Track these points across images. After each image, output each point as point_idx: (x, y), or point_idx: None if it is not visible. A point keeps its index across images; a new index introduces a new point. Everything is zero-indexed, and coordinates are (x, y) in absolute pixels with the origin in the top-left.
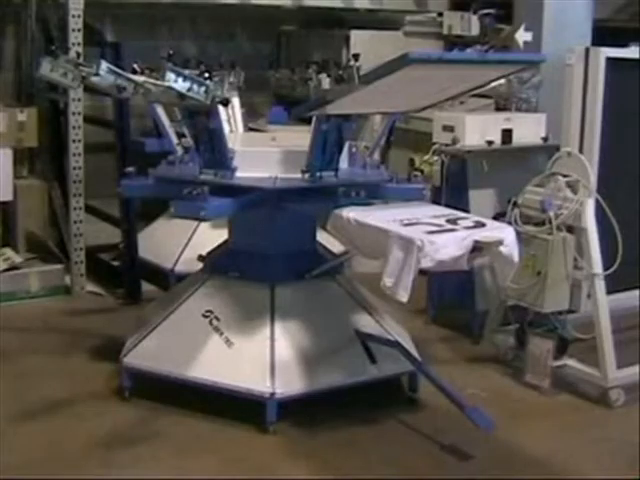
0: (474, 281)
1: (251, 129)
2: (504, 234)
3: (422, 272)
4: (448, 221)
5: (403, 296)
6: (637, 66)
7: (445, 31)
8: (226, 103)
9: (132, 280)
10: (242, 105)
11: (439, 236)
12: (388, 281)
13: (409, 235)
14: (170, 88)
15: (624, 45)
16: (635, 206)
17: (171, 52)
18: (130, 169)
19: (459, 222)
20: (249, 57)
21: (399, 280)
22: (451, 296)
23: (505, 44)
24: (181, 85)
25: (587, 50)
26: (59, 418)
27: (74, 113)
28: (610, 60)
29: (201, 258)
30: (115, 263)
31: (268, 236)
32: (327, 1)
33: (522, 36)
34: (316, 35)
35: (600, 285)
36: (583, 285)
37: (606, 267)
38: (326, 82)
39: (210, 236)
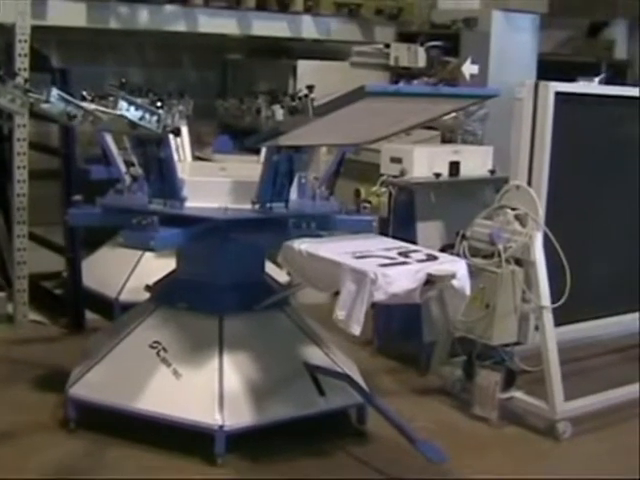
0: (421, 312)
1: (198, 158)
2: (457, 267)
3: (372, 304)
4: (400, 254)
5: (356, 329)
6: (585, 100)
7: (392, 62)
8: (178, 133)
9: (76, 309)
10: (190, 133)
11: (392, 269)
12: (340, 314)
13: (362, 268)
14: (121, 116)
15: (569, 79)
16: (584, 239)
17: (123, 80)
18: (77, 197)
19: (411, 255)
20: (195, 85)
21: (351, 313)
22: (398, 327)
23: (452, 77)
24: (133, 114)
25: (537, 84)
26: (2, 450)
27: (19, 139)
28: (559, 94)
29: (148, 288)
30: (58, 291)
31: (217, 267)
32: (274, 30)
33: (469, 69)
34: (263, 64)
35: (548, 317)
36: (531, 317)
37: (554, 300)
38: (279, 113)
39: (155, 265)
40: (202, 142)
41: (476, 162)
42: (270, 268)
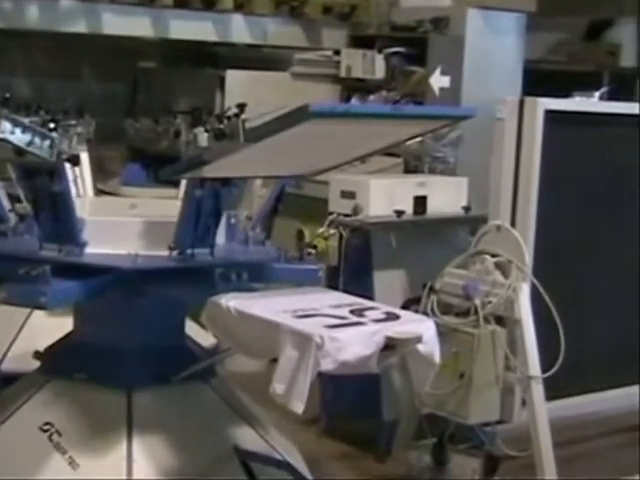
0: (380, 384)
1: (102, 192)
2: (423, 329)
3: (318, 374)
4: (353, 312)
5: (298, 406)
6: (582, 120)
7: (343, 73)
8: (76, 161)
9: None
10: (91, 161)
11: (343, 331)
12: (279, 387)
13: (306, 330)
14: (4, 140)
15: (563, 93)
16: (580, 292)
17: (7, 95)
18: None
19: (366, 313)
20: (99, 101)
21: (293, 386)
22: (350, 402)
23: (417, 91)
24: (19, 137)
25: (522, 101)
26: None
27: None
28: (549, 113)
29: (38, 355)
30: None
31: (125, 328)
32: (196, 33)
33: (438, 81)
34: (183, 75)
35: (538, 390)
36: (517, 390)
37: (545, 368)
38: (203, 137)
39: (46, 326)
40: (107, 172)
41: (447, 196)
42: (192, 329)
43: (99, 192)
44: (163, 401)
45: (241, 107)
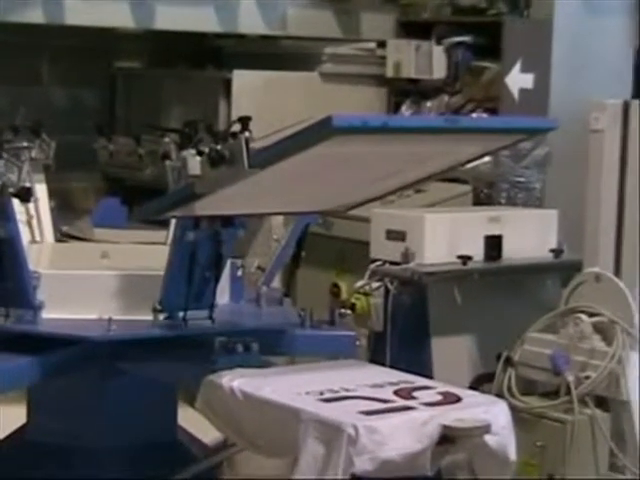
0: None
1: (67, 236)
2: (492, 415)
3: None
4: (399, 393)
5: None
6: None
7: (390, 72)
8: (27, 196)
9: None
10: (51, 195)
11: (384, 419)
12: None
13: (334, 418)
14: None
15: None
16: None
17: None
18: None
19: (417, 395)
20: (62, 114)
21: None
22: None
23: (488, 94)
24: None
25: (626, 106)
26: None
27: None
28: None
29: None
30: None
31: (95, 419)
32: (192, 22)
33: (517, 81)
34: (175, 78)
35: None
36: None
37: None
38: (195, 162)
39: None
40: (75, 210)
41: (530, 236)
42: (188, 419)
43: (63, 236)
44: None
45: (244, 121)
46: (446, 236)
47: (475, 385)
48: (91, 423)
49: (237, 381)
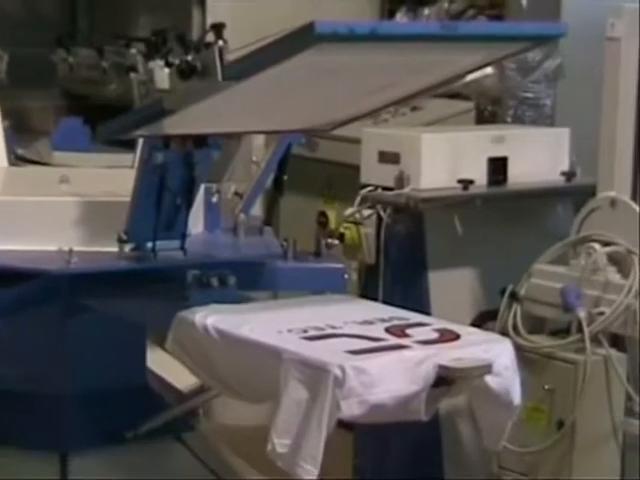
0: (440, 438)
1: (23, 159)
2: (493, 353)
3: (343, 424)
4: (391, 330)
5: (308, 471)
6: None
7: None
8: None
9: None
10: (5, 115)
11: (373, 358)
12: (281, 444)
13: (319, 358)
14: None
15: None
16: None
17: None
18: None
19: (410, 332)
20: (17, 24)
21: (301, 442)
22: (398, 464)
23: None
24: None
25: None
26: None
27: None
28: None
29: None
30: None
31: (56, 363)
32: None
33: None
34: None
35: None
36: None
37: None
38: (163, 75)
39: None
40: (31, 130)
41: (539, 157)
42: (158, 361)
43: (18, 160)
44: (114, 468)
45: (218, 29)
46: (445, 158)
47: (477, 323)
48: (52, 367)
49: (212, 318)
